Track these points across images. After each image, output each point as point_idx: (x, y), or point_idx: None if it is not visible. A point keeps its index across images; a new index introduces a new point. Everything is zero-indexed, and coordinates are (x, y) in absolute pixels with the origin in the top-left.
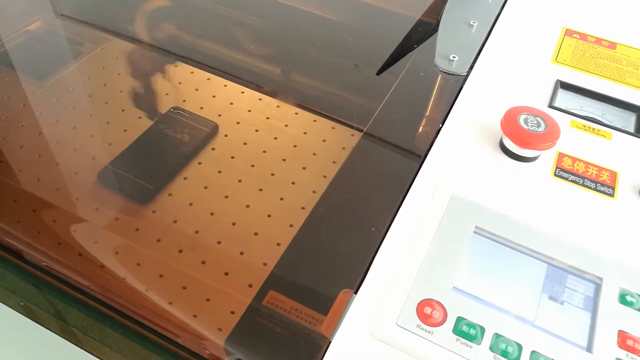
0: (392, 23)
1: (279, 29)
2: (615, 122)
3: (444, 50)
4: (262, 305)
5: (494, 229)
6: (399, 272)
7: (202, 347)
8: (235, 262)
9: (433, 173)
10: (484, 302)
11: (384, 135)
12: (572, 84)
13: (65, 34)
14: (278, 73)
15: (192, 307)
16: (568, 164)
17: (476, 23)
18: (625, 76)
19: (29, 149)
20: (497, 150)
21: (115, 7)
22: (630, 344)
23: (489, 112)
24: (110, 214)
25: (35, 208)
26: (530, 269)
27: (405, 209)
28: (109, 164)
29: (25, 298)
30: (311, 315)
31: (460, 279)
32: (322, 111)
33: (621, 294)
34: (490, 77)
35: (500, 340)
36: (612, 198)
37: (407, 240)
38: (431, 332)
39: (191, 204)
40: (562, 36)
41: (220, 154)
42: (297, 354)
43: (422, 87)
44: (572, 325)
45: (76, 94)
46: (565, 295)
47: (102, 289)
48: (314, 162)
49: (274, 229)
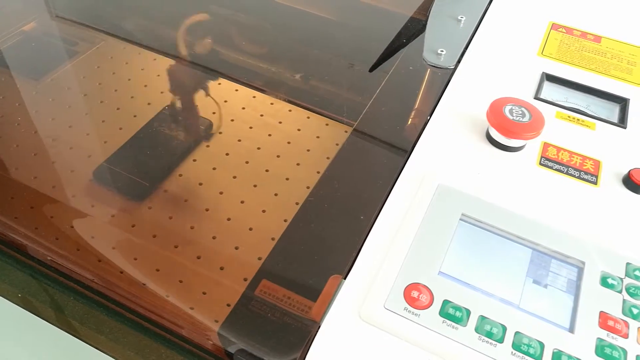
0: (384, 20)
1: (272, 27)
2: (599, 113)
3: (432, 45)
4: (255, 294)
5: (480, 216)
6: (386, 258)
7: (198, 335)
8: (230, 257)
9: (421, 163)
10: (470, 286)
11: (373, 129)
12: (557, 77)
13: (60, 35)
14: (272, 71)
15: (188, 300)
16: (553, 153)
17: (464, 18)
18: (609, 68)
19: (25, 147)
20: (483, 141)
21: (109, 8)
22: (611, 324)
23: (476, 104)
24: (106, 210)
25: (33, 205)
26: (515, 254)
27: (393, 198)
28: (105, 161)
29: (24, 290)
30: (302, 302)
31: (447, 264)
32: (315, 108)
33: (602, 277)
34: (477, 70)
35: (485, 322)
36: (596, 186)
37: (395, 227)
38: (418, 314)
39: (186, 200)
40: (548, 30)
41: (215, 150)
42: (287, 338)
43: (411, 81)
44: (555, 307)
45: (71, 93)
46: (549, 279)
47: (102, 280)
48: (308, 158)
49: (268, 224)
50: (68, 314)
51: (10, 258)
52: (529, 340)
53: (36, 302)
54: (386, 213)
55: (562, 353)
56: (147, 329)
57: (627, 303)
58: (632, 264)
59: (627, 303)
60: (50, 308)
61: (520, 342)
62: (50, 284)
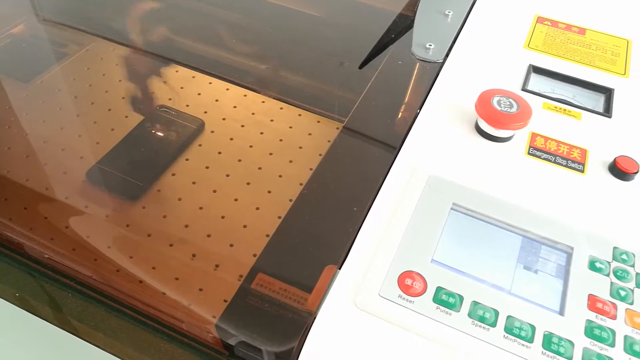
0: (373, 18)
1: (261, 26)
2: (585, 103)
3: (420, 39)
4: (252, 287)
5: (471, 205)
6: (380, 247)
7: (197, 328)
8: (225, 254)
9: (411, 155)
10: (462, 273)
11: (364, 124)
12: (544, 68)
13: (49, 37)
14: (262, 69)
15: (185, 297)
16: (541, 143)
17: (451, 12)
18: (594, 60)
19: (17, 150)
20: (472, 132)
21: (98, 10)
22: (600, 307)
23: (465, 96)
24: (100, 210)
25: (26, 206)
26: (506, 242)
27: (385, 189)
28: (98, 162)
29: (21, 289)
30: (298, 293)
31: (439, 252)
32: (307, 105)
33: (591, 261)
34: (465, 63)
35: (478, 307)
36: (583, 174)
37: (388, 218)
38: (412, 301)
39: (180, 199)
40: (534, 23)
41: (208, 149)
42: (285, 328)
43: (401, 75)
44: (545, 292)
45: (62, 95)
46: (539, 264)
47: (99, 278)
48: (300, 155)
49: (262, 221)
50: (67, 311)
51: (7, 257)
52: (520, 323)
53: (34, 302)
54: (379, 204)
55: (553, 335)
56: (145, 324)
57: (615, 286)
58: (618, 248)
59: (615, 286)
60: (48, 307)
61: (512, 326)
62: (47, 281)
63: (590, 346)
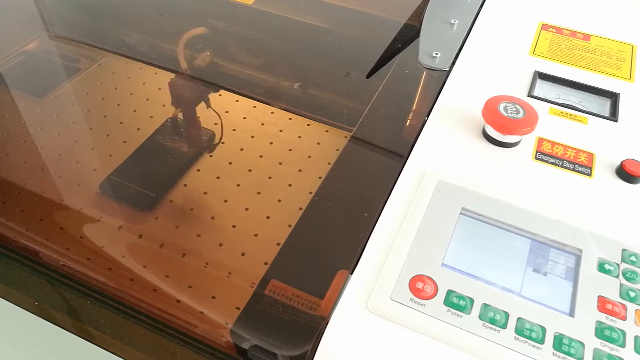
0: (379, 28)
1: (269, 39)
2: (591, 108)
3: (427, 48)
4: (265, 293)
5: (480, 210)
6: (391, 252)
7: (211, 333)
8: (237, 262)
9: (420, 162)
10: (472, 276)
11: (373, 132)
12: (549, 74)
13: (62, 53)
14: (271, 81)
15: (199, 304)
16: (547, 147)
17: (457, 21)
18: (599, 65)
19: (33, 163)
20: (480, 138)
21: (107, 26)
22: (610, 308)
23: (471, 103)
24: (114, 221)
25: (42, 217)
26: (515, 245)
27: (395, 195)
28: (111, 174)
29: (40, 298)
30: (311, 299)
31: (449, 256)
32: (315, 115)
33: (600, 263)
34: (471, 71)
35: (488, 309)
36: (590, 177)
37: (398, 223)
38: (423, 304)
39: (192, 209)
40: (539, 30)
41: (218, 160)
42: (298, 332)
43: (408, 84)
44: (555, 294)
45: (75, 109)
46: (548, 267)
47: (115, 286)
48: (310, 164)
49: (273, 229)
50: (84, 320)
51: (26, 267)
52: (531, 325)
53: (52, 310)
54: (389, 210)
55: (563, 336)
56: (161, 330)
57: (624, 287)
58: (627, 250)
59: (624, 287)
60: (67, 315)
61: (522, 327)
62: (64, 288)
63: (600, 347)
